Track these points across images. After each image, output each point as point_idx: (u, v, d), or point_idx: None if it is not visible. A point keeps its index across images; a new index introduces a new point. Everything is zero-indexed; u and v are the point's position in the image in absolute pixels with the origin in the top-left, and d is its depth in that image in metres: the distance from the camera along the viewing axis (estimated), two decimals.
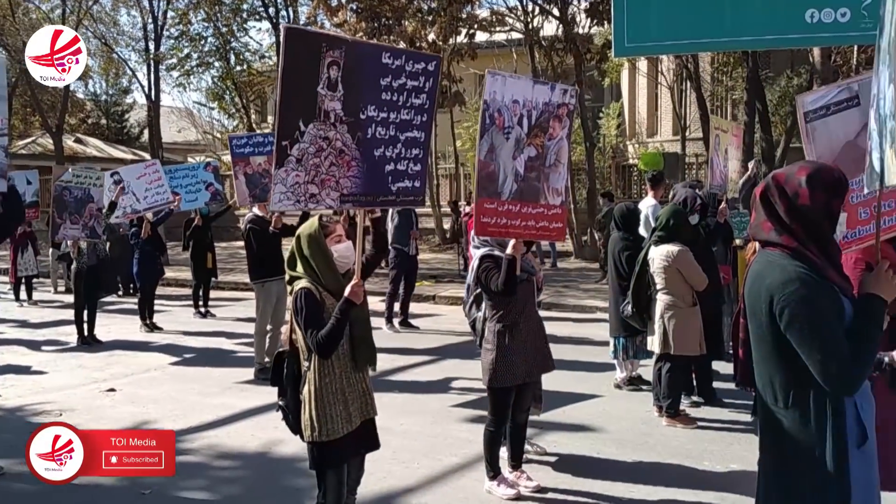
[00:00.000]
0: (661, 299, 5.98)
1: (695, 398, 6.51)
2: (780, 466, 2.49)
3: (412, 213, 10.38)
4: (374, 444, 3.80)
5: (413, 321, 10.60)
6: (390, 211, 10.39)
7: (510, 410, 4.72)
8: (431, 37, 16.41)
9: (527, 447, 5.26)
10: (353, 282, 3.57)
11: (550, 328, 5.62)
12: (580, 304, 11.88)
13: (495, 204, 4.33)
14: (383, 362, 8.21)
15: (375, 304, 10.70)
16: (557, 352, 6.06)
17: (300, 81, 3.43)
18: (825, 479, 2.37)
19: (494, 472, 4.73)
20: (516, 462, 4.87)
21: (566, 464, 5.25)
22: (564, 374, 6.87)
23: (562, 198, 4.64)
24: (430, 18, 16.18)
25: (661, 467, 5.15)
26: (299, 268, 3.61)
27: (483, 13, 18.61)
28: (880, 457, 3.37)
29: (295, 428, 3.68)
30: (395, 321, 10.37)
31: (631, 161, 24.00)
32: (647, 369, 6.69)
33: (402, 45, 16.10)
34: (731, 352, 6.61)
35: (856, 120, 3.35)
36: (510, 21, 18.43)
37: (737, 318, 3.10)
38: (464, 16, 16.74)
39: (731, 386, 6.45)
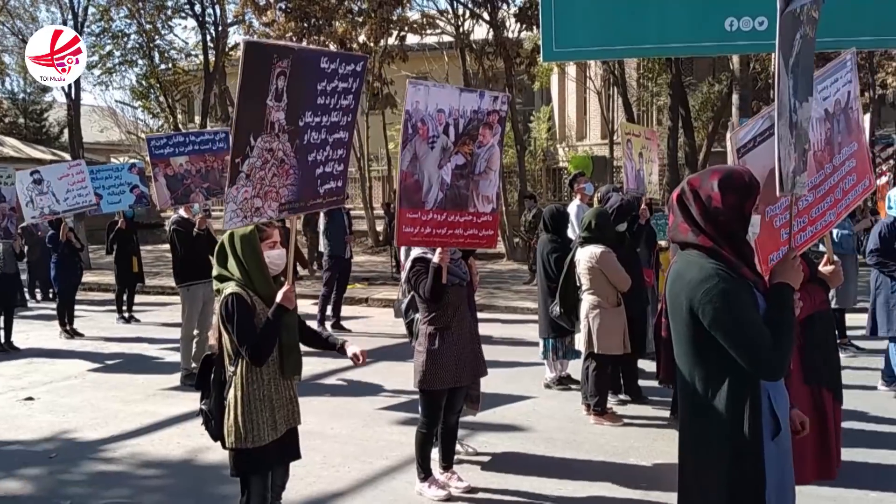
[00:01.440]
0: (587, 299, 6.10)
1: (622, 396, 6.66)
2: (698, 460, 2.58)
3: (345, 217, 10.30)
4: (296, 454, 3.76)
5: (345, 324, 10.53)
6: (321, 214, 10.30)
7: (442, 412, 4.74)
8: (362, 38, 16.29)
9: (458, 448, 5.30)
10: (285, 287, 3.53)
11: (482, 329, 5.66)
12: (511, 306, 12.01)
13: (418, 213, 4.32)
14: (314, 366, 8.13)
15: (307, 307, 10.61)
16: (489, 353, 6.10)
17: (254, 96, 3.33)
18: (741, 471, 2.47)
19: (425, 474, 4.75)
20: (447, 463, 4.89)
21: (497, 463, 5.30)
22: (495, 375, 6.91)
23: (493, 205, 4.63)
24: (360, 20, 16.06)
25: (588, 464, 5.25)
26: (231, 265, 3.51)
27: (414, 15, 18.60)
28: (795, 450, 3.53)
29: (216, 434, 3.58)
30: (328, 324, 10.29)
31: (561, 164, 24.41)
32: (576, 369, 6.81)
33: (332, 46, 15.96)
34: (653, 350, 6.79)
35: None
36: (441, 24, 18.49)
37: (659, 317, 3.20)
38: (394, 18, 16.68)
39: (657, 384, 6.63)
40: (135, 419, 6.49)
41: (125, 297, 11.56)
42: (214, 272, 3.59)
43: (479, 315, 6.11)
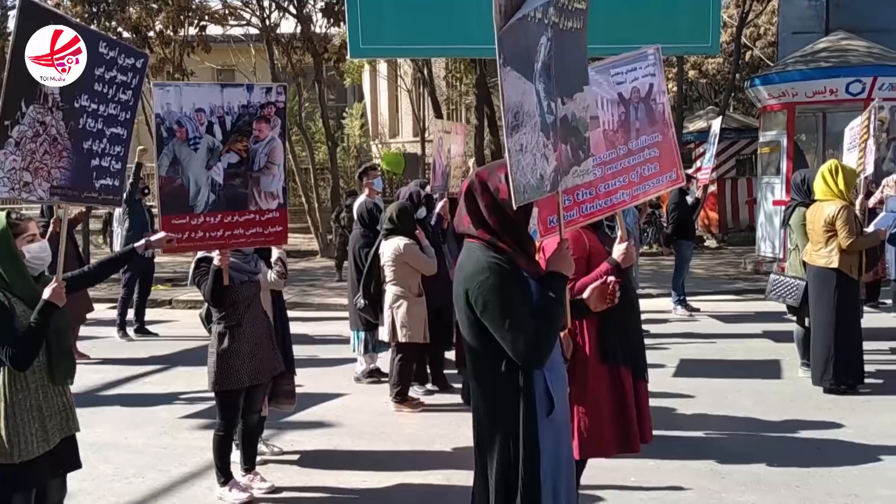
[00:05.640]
0: (390, 290, 6.18)
1: (429, 387, 6.81)
2: (482, 440, 2.70)
3: (147, 214, 9.70)
4: (75, 463, 3.49)
5: (149, 328, 9.94)
6: (116, 211, 9.68)
7: (240, 413, 4.60)
8: (159, 26, 15.40)
9: (263, 448, 5.18)
10: (53, 283, 3.26)
11: (295, 328, 5.56)
12: (325, 303, 11.90)
13: (186, 218, 4.19)
14: (109, 373, 7.64)
15: (103, 311, 9.90)
16: (301, 351, 6.00)
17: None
18: (517, 447, 2.60)
19: (225, 478, 4.58)
20: (249, 465, 4.76)
21: (304, 461, 5.25)
22: (305, 373, 6.81)
23: (278, 201, 4.50)
24: (156, 6, 15.16)
25: (395, 455, 5.32)
26: None
27: (215, 5, 17.88)
28: (593, 426, 3.77)
29: None
30: (129, 329, 9.66)
31: (375, 161, 24.57)
32: (385, 362, 6.87)
33: (125, 34, 14.98)
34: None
35: None
36: (246, 16, 17.92)
37: None
38: (193, 6, 15.91)
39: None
40: None
41: None
42: None
43: (292, 313, 6.01)
